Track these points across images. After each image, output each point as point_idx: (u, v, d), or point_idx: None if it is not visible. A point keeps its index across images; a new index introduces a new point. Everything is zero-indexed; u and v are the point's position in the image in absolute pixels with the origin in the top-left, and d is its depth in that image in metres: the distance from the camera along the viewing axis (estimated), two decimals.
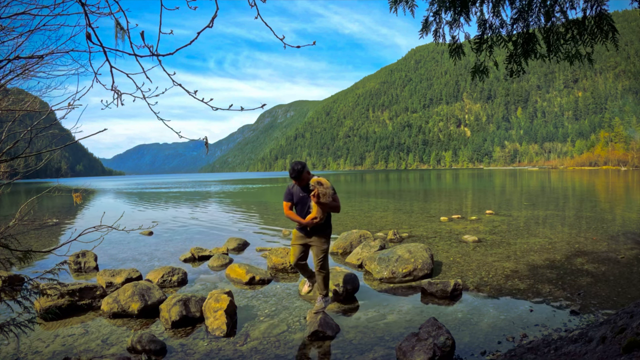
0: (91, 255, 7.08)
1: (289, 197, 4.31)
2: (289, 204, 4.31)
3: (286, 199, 4.33)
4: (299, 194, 4.25)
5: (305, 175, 4.17)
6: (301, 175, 4.13)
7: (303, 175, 4.15)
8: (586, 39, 3.57)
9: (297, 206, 4.30)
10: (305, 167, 4.18)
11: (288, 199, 4.32)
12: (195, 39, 1.43)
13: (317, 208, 4.06)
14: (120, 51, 1.46)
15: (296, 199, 4.26)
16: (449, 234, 9.55)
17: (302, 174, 4.13)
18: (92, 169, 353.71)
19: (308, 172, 4.21)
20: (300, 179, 4.13)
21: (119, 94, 1.61)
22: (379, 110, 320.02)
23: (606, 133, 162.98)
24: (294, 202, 4.29)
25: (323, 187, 3.97)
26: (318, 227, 4.24)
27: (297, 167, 4.13)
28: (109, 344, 3.85)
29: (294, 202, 4.29)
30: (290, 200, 4.30)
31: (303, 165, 4.16)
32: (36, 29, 2.55)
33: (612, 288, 5.13)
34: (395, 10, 4.03)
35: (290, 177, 4.16)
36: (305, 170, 4.18)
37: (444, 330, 3.37)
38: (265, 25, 1.56)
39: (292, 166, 4.15)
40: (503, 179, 47.68)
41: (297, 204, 4.28)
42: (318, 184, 3.97)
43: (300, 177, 4.12)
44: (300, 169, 4.12)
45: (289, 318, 4.40)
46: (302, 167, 4.14)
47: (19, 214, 3.18)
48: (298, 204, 4.28)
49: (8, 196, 29.98)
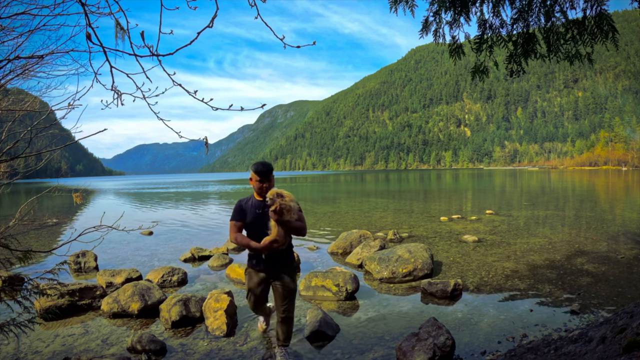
0: (91, 255, 7.08)
1: (239, 215, 3.19)
2: (238, 224, 3.18)
3: (235, 216, 3.19)
4: (255, 211, 3.19)
5: (272, 181, 3.20)
6: (270, 175, 3.18)
7: (271, 177, 3.20)
8: (586, 39, 3.58)
9: (250, 227, 3.21)
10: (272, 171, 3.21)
11: (238, 216, 3.18)
12: (195, 39, 1.43)
13: (278, 228, 3.04)
14: (120, 51, 1.46)
15: (250, 217, 3.18)
16: (449, 234, 9.55)
17: (271, 174, 3.20)
18: (92, 169, 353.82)
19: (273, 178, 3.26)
20: (269, 179, 3.17)
21: (119, 94, 1.61)
22: (379, 110, 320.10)
23: (606, 133, 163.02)
24: (246, 220, 3.19)
25: (286, 200, 3.01)
26: (280, 257, 3.21)
27: (268, 165, 3.20)
28: (109, 344, 3.85)
29: (246, 220, 3.19)
30: (242, 218, 3.19)
31: (271, 166, 3.25)
32: (36, 29, 2.55)
33: (612, 288, 5.13)
34: (395, 10, 4.03)
35: (256, 176, 3.16)
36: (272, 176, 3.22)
37: (444, 330, 3.37)
38: (265, 25, 1.56)
39: (260, 163, 3.19)
40: (503, 179, 47.68)
41: (250, 224, 3.19)
42: (278, 195, 3.00)
43: (269, 177, 3.17)
44: (270, 167, 3.20)
45: None
46: (271, 170, 3.20)
47: (19, 214, 3.18)
48: (252, 224, 3.19)
49: (8, 196, 29.98)
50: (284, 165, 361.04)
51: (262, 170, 3.14)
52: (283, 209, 2.97)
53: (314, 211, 15.85)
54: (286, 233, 3.08)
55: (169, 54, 1.43)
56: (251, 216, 3.18)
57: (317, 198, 23.77)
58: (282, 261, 3.22)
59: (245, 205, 3.23)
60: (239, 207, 3.22)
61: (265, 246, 3.06)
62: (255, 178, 3.15)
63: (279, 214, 2.96)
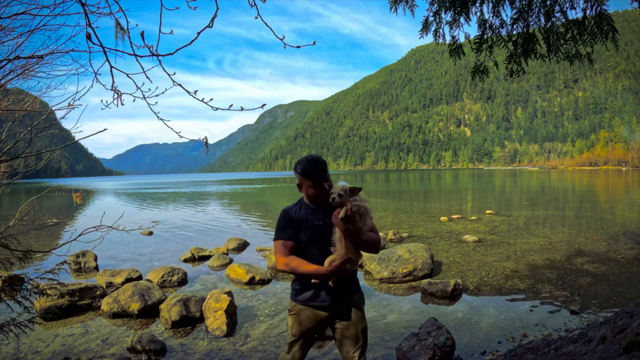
0: (91, 255, 7.08)
1: (288, 232, 2.15)
2: (289, 244, 2.13)
3: (284, 233, 2.15)
4: (314, 222, 2.14)
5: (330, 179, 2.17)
6: (327, 173, 2.14)
7: (328, 174, 2.15)
8: (586, 39, 3.57)
9: (307, 246, 2.15)
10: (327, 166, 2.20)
11: (287, 234, 2.14)
12: (195, 39, 1.43)
13: (346, 242, 2.02)
14: (120, 51, 1.46)
15: (307, 233, 2.14)
16: (449, 234, 9.55)
17: (326, 173, 2.14)
18: (92, 169, 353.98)
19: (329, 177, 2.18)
20: (326, 179, 2.12)
21: (119, 94, 1.61)
22: (379, 110, 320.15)
23: (606, 133, 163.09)
24: (301, 238, 2.14)
25: (358, 201, 2.01)
26: (347, 284, 2.18)
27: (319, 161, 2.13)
28: (109, 344, 3.85)
29: (301, 238, 2.14)
30: (294, 236, 2.14)
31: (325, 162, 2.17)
32: (36, 29, 2.55)
33: (612, 288, 5.13)
34: (395, 10, 4.03)
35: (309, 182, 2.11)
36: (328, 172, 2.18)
37: (444, 330, 3.37)
38: (265, 25, 1.56)
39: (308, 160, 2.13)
40: (503, 179, 47.67)
41: (307, 241, 2.14)
42: (349, 192, 2.01)
43: (325, 175, 2.12)
44: (324, 163, 2.15)
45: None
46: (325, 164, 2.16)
47: (19, 214, 3.18)
48: (311, 241, 2.14)
49: (8, 196, 29.95)
50: (284, 165, 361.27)
51: (316, 171, 2.09)
52: (355, 213, 1.97)
53: None
54: (360, 247, 2.06)
55: (169, 54, 1.43)
56: (309, 231, 2.13)
57: None
58: (350, 291, 2.19)
59: (297, 216, 2.16)
60: (288, 220, 2.16)
61: (336, 267, 2.03)
62: (308, 184, 2.12)
63: (350, 220, 1.96)
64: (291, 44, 1.62)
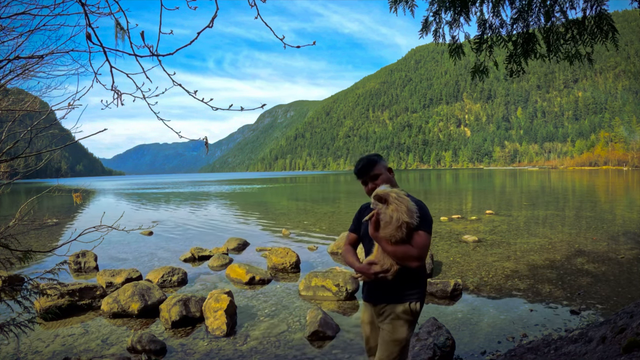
0: (91, 255, 7.08)
1: (353, 225, 2.40)
2: (352, 236, 2.37)
3: (351, 225, 2.42)
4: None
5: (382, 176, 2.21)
6: (371, 171, 2.21)
7: (375, 173, 2.21)
8: (586, 39, 3.57)
9: (362, 240, 2.33)
10: (380, 161, 2.26)
11: (351, 227, 2.40)
12: (195, 39, 1.43)
13: (378, 248, 2.09)
14: (120, 51, 1.46)
15: (364, 229, 2.28)
16: (449, 234, 9.55)
17: (374, 169, 2.21)
18: (92, 169, 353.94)
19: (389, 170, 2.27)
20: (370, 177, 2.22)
21: (119, 94, 1.61)
22: (379, 110, 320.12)
23: (606, 133, 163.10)
24: (362, 232, 2.32)
25: (394, 207, 1.97)
26: (387, 287, 2.13)
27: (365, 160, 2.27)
28: (109, 344, 3.85)
29: (362, 232, 2.32)
30: (355, 229, 2.37)
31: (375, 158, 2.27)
32: (36, 29, 2.55)
33: (612, 288, 5.13)
34: (395, 10, 4.03)
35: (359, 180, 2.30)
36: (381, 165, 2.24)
37: (444, 330, 3.37)
38: (265, 25, 1.56)
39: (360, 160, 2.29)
40: (503, 179, 47.67)
41: (363, 236, 2.31)
42: (381, 199, 2.01)
43: (370, 173, 2.21)
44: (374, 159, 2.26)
45: (289, 318, 4.40)
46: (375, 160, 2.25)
47: (19, 214, 3.17)
48: (365, 235, 2.27)
49: (8, 196, 29.95)
50: (284, 165, 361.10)
51: (358, 170, 2.25)
52: (380, 218, 1.99)
53: (314, 211, 15.86)
54: (394, 256, 2.02)
55: (169, 54, 1.43)
56: (364, 226, 2.25)
57: (317, 198, 23.79)
58: (387, 297, 2.13)
59: (365, 211, 2.27)
60: (357, 215, 2.37)
61: (362, 268, 2.10)
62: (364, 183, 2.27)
63: (374, 226, 2.02)
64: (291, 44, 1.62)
